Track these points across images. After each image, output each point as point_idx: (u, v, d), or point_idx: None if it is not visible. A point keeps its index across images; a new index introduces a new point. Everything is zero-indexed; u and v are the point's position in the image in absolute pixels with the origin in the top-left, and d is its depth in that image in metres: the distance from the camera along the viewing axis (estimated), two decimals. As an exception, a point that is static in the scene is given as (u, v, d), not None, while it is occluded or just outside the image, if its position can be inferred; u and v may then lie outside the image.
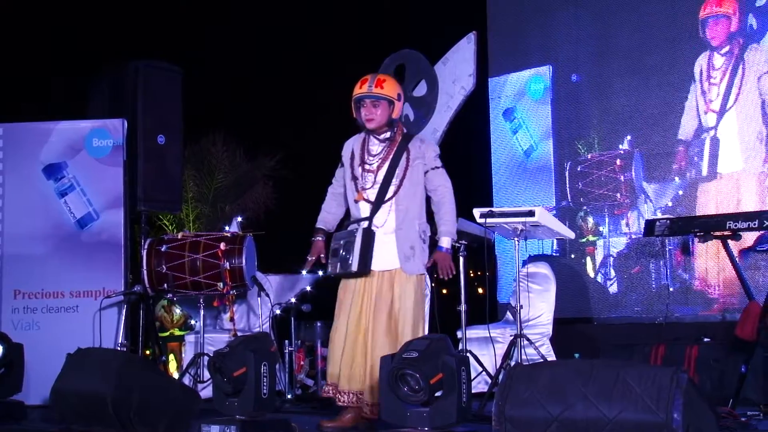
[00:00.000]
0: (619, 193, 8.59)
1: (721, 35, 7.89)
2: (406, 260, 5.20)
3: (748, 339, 5.67)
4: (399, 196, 5.23)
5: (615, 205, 8.55)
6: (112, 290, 7.10)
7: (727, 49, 7.88)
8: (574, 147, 9.01)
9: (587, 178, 8.83)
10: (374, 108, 5.26)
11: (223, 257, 6.73)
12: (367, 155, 5.35)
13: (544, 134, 9.28)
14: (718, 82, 7.87)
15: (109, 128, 7.44)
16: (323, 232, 5.56)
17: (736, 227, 5.84)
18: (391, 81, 5.35)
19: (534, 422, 3.57)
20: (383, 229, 5.23)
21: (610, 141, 8.70)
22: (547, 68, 9.27)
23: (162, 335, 9.28)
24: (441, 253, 5.25)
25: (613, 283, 8.50)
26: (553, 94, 9.23)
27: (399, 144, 5.29)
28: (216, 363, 5.33)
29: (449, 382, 4.52)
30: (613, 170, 8.64)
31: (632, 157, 8.53)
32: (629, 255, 8.52)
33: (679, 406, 3.32)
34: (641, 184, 8.46)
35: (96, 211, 7.38)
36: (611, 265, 8.55)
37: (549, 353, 6.81)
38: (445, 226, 5.28)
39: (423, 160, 5.28)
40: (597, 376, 3.54)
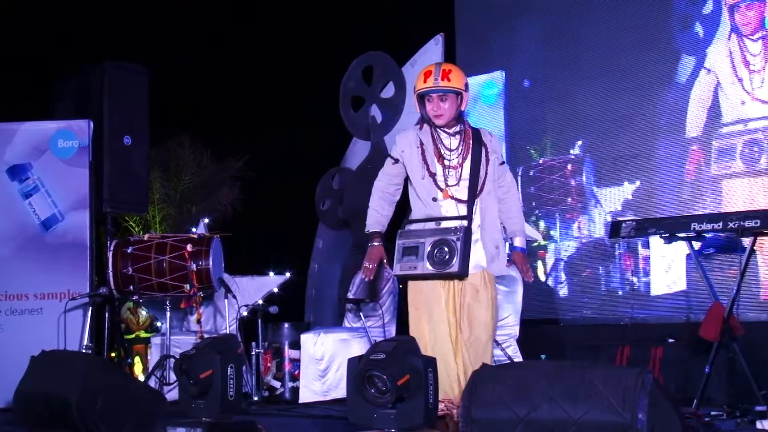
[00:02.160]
0: (570, 197, 8.65)
1: (754, 21, 7.62)
2: (492, 260, 4.92)
3: (712, 340, 5.72)
4: (484, 192, 4.92)
5: (566, 209, 8.61)
6: (77, 292, 7.04)
7: (761, 34, 7.60)
8: (526, 152, 9.09)
9: (539, 183, 8.89)
10: (442, 102, 4.87)
11: (189, 259, 6.71)
12: (445, 149, 4.94)
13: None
14: (759, 69, 7.57)
15: (75, 129, 7.38)
16: (380, 235, 5.09)
17: (701, 229, 5.89)
18: (458, 71, 4.95)
19: (500, 423, 3.58)
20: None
21: (562, 146, 8.78)
22: (500, 74, 9.33)
23: (127, 337, 9.21)
24: (519, 254, 5.01)
25: (564, 286, 8.57)
26: (506, 99, 9.31)
27: (473, 138, 4.95)
28: (182, 365, 5.31)
29: (416, 384, 4.52)
30: (564, 175, 8.69)
31: (583, 162, 8.61)
32: (579, 258, 8.60)
33: (644, 407, 3.34)
34: (591, 188, 8.55)
35: (61, 213, 7.32)
36: (562, 268, 8.60)
37: (516, 354, 6.82)
38: (517, 224, 5.02)
39: (497, 154, 5.01)
40: (563, 377, 3.56)
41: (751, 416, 5.26)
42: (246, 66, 13.34)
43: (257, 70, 13.41)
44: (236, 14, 13.58)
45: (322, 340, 7.15)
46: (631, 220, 6.52)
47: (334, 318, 9.24)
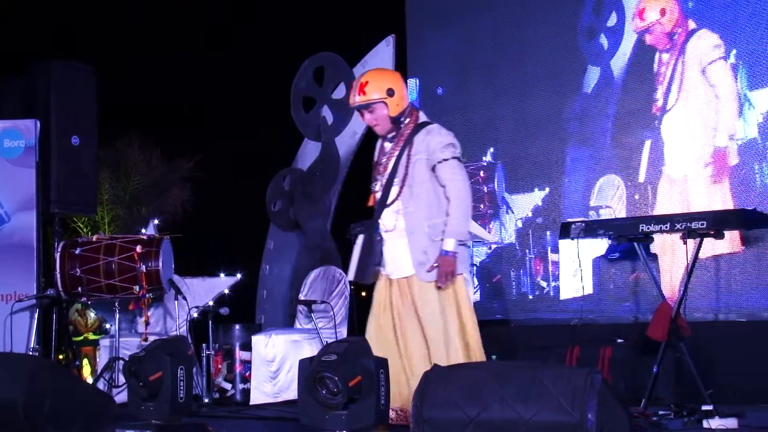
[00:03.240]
0: (482, 203, 8.74)
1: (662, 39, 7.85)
2: (420, 266, 4.80)
3: (660, 339, 5.79)
4: (404, 197, 4.84)
5: (479, 215, 8.66)
6: (23, 294, 6.96)
7: (669, 46, 7.75)
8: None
9: None
10: (370, 114, 4.90)
11: (139, 260, 6.66)
12: (380, 155, 5.03)
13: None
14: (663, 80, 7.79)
15: (21, 129, 7.30)
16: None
17: (649, 230, 5.96)
18: (376, 79, 4.92)
19: (451, 423, 3.59)
20: (395, 233, 4.87)
21: (474, 153, 8.83)
22: (414, 81, 9.39)
23: (76, 339, 9.11)
24: (442, 257, 4.77)
25: (476, 291, 8.65)
26: (419, 106, 9.34)
27: (405, 139, 4.89)
28: (131, 367, 5.27)
29: (368, 385, 4.52)
30: (477, 181, 8.76)
31: (495, 168, 8.71)
32: (491, 264, 8.72)
33: (593, 407, 3.38)
34: (503, 195, 8.67)
35: (7, 213, 7.24)
36: (474, 273, 8.68)
37: (466, 355, 6.84)
38: (449, 225, 4.78)
39: (426, 154, 4.83)
40: (513, 378, 3.58)
41: (698, 415, 5.32)
42: (196, 66, 13.29)
43: (207, 71, 13.36)
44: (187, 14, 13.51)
45: (274, 342, 7.13)
46: (581, 221, 6.57)
47: (285, 319, 9.22)
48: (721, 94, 7.27)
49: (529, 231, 8.40)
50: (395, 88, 4.89)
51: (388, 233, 4.88)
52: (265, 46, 12.53)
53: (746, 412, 5.32)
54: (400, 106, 4.90)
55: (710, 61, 7.38)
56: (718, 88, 7.30)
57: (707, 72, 7.40)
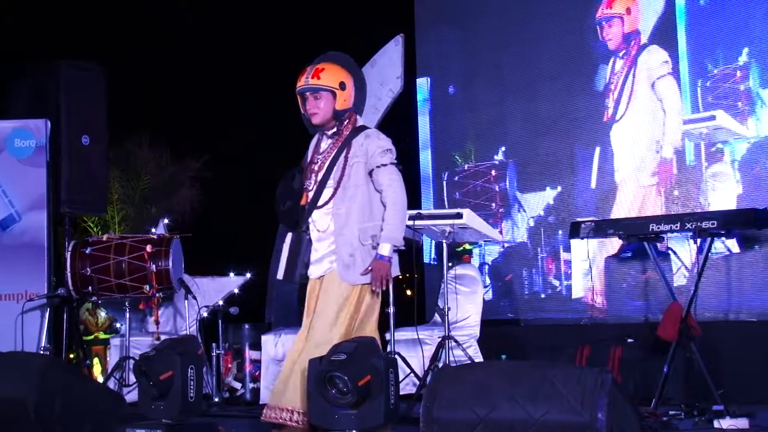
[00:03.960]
0: (494, 202, 8.73)
1: (617, 37, 7.99)
2: (346, 269, 4.70)
3: (670, 339, 5.78)
4: (336, 198, 4.76)
5: (490, 214, 8.67)
6: (34, 293, 6.98)
7: (624, 52, 7.97)
8: (451, 158, 9.16)
9: (464, 188, 8.98)
10: (315, 100, 4.81)
11: (149, 259, 6.66)
12: (315, 154, 4.93)
13: (422, 144, 9.44)
14: (614, 88, 7.98)
15: (32, 128, 7.32)
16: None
17: (659, 230, 5.95)
18: (333, 68, 4.93)
19: (460, 423, 3.59)
20: (325, 234, 4.79)
21: (485, 152, 8.85)
22: (425, 80, 9.39)
23: (86, 339, 9.13)
24: (376, 261, 4.68)
25: (488, 290, 8.63)
26: (431, 105, 9.39)
27: (344, 140, 4.83)
28: (142, 366, 5.28)
29: (377, 384, 4.53)
30: (489, 180, 8.77)
31: (506, 167, 8.69)
32: (502, 262, 8.69)
33: (603, 407, 3.37)
34: (515, 193, 8.64)
35: (18, 213, 7.26)
36: (486, 272, 8.67)
37: (476, 355, 6.85)
38: (386, 230, 4.71)
39: (364, 158, 4.76)
40: (523, 378, 3.58)
41: (709, 415, 5.32)
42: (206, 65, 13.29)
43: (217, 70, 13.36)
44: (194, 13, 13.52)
45: (283, 341, 7.13)
46: (590, 221, 6.57)
47: (294, 319, 9.21)
48: (667, 108, 7.54)
49: (541, 230, 8.38)
50: (347, 84, 4.88)
51: (320, 233, 4.81)
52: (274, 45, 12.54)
53: (757, 412, 5.32)
54: (346, 103, 4.86)
55: (659, 76, 7.61)
56: (665, 102, 7.55)
57: (656, 86, 7.65)
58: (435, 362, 6.14)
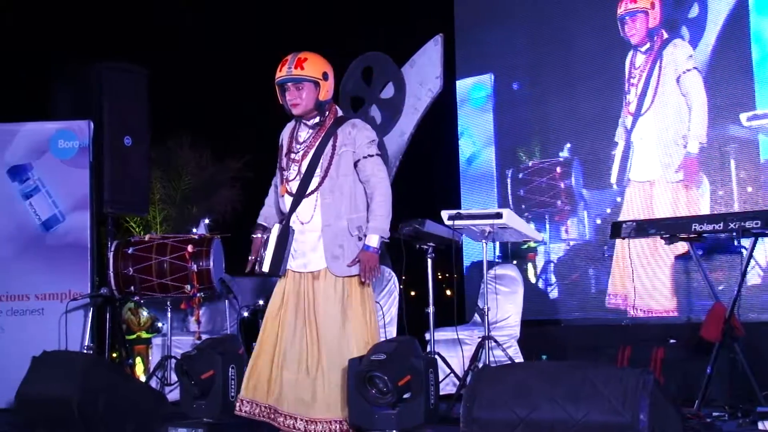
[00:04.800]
0: (559, 200, 8.60)
1: (640, 32, 7.91)
2: (334, 260, 4.67)
3: (713, 340, 5.72)
4: (324, 188, 4.71)
5: (555, 211, 8.57)
6: (78, 293, 7.05)
7: (648, 46, 7.89)
8: (515, 154, 9.04)
9: (528, 186, 8.85)
10: (297, 91, 4.74)
11: (190, 259, 6.70)
12: (295, 143, 4.86)
13: (486, 142, 9.31)
14: (636, 83, 7.90)
15: (75, 130, 7.40)
16: (263, 228, 5.01)
17: (701, 229, 5.89)
18: (315, 59, 4.82)
19: (501, 424, 3.58)
20: (310, 225, 4.72)
21: (551, 149, 8.72)
22: (489, 76, 9.28)
23: (129, 338, 9.22)
24: (365, 253, 4.66)
25: (554, 288, 8.55)
26: (495, 101, 9.27)
27: (328, 129, 4.78)
28: (183, 366, 5.33)
29: (417, 384, 4.53)
30: (554, 177, 8.64)
31: (572, 164, 8.56)
32: (568, 261, 8.55)
33: (645, 408, 3.35)
34: (580, 191, 8.50)
35: (62, 213, 7.34)
36: (551, 271, 8.59)
37: (516, 355, 6.83)
38: (374, 221, 4.70)
39: (352, 148, 4.75)
40: (564, 378, 3.56)
41: (753, 417, 5.25)
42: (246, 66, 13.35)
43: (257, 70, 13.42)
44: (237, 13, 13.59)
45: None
46: (632, 221, 6.51)
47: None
48: (692, 103, 7.45)
49: (607, 228, 8.21)
50: (329, 74, 4.82)
51: (303, 225, 4.74)
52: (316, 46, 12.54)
53: (802, 413, 5.25)
54: (328, 93, 4.81)
55: (684, 71, 7.54)
56: (690, 97, 7.48)
57: (681, 81, 7.57)
58: (475, 362, 6.13)
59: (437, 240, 6.43)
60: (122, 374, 6.01)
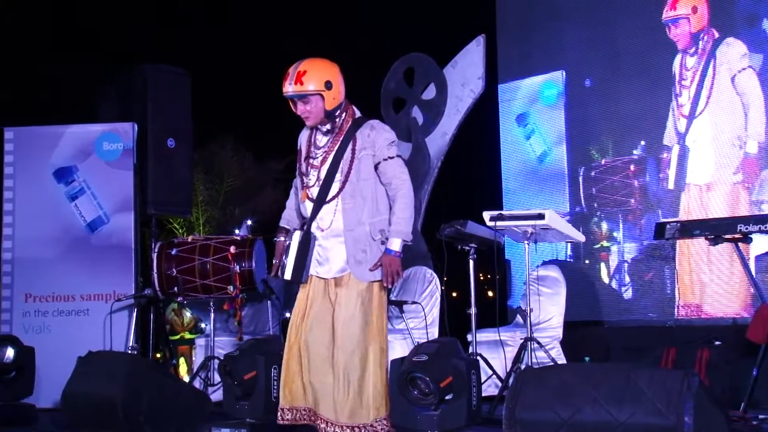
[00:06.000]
0: (633, 198, 8.44)
1: (684, 37, 7.81)
2: (358, 265, 4.59)
3: (760, 342, 5.65)
4: (344, 193, 4.61)
5: (629, 210, 8.44)
6: (122, 293, 7.11)
7: (696, 48, 7.79)
8: (587, 152, 8.88)
9: (601, 184, 8.70)
10: (305, 105, 4.64)
11: (233, 260, 6.73)
12: (313, 148, 4.76)
13: (557, 140, 9.15)
14: (689, 85, 7.77)
15: (120, 132, 7.46)
16: (285, 231, 4.88)
17: (747, 230, 5.81)
18: (315, 69, 4.66)
19: (544, 425, 3.56)
20: (331, 231, 4.64)
21: (624, 146, 8.55)
22: (560, 73, 9.13)
23: (172, 338, 9.30)
24: (387, 256, 4.57)
25: (628, 288, 8.40)
26: (566, 99, 9.11)
27: (346, 133, 4.68)
28: (226, 366, 5.35)
29: (459, 386, 4.52)
30: (627, 175, 8.49)
31: (646, 162, 8.38)
32: (643, 260, 8.36)
33: (689, 410, 3.31)
34: (655, 189, 8.32)
35: (106, 215, 7.40)
36: (625, 270, 8.44)
37: (559, 356, 6.79)
38: (395, 225, 4.60)
39: (372, 150, 4.65)
40: (607, 380, 3.54)
41: (799, 419, 5.19)
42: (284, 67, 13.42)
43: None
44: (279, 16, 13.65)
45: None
46: (676, 221, 6.45)
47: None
48: (749, 103, 7.35)
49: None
50: (333, 81, 4.65)
51: (324, 231, 4.65)
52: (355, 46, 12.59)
53: None
54: (336, 100, 4.66)
55: (740, 69, 7.42)
56: (746, 97, 7.36)
57: (736, 80, 7.44)
58: (517, 364, 6.10)
59: (479, 241, 6.41)
60: (166, 374, 6.04)
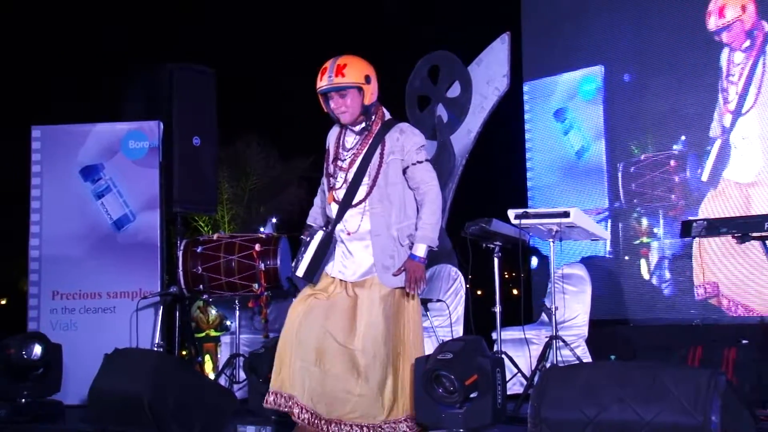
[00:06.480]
0: (673, 194, 8.33)
1: (738, 36, 7.71)
2: (385, 270, 4.54)
3: (787, 341, 5.62)
4: (372, 198, 4.56)
5: (669, 206, 8.32)
6: (148, 291, 7.15)
7: (748, 44, 7.68)
8: (627, 147, 8.77)
9: (641, 179, 8.59)
10: (342, 99, 4.58)
11: (258, 258, 6.74)
12: (341, 150, 4.70)
13: (596, 135, 9.05)
14: (736, 81, 7.66)
15: (145, 130, 7.50)
16: (311, 228, 4.86)
17: (775, 228, 5.77)
18: (355, 63, 4.61)
19: (569, 424, 3.55)
20: (357, 235, 4.59)
21: (664, 141, 8.44)
22: (599, 68, 9.03)
23: (198, 336, 9.33)
24: (411, 262, 4.54)
25: (668, 285, 8.29)
26: (606, 94, 9.00)
27: (375, 136, 4.62)
28: (251, 364, 5.37)
29: (484, 384, 4.51)
30: (667, 171, 8.37)
31: (687, 157, 8.26)
32: (683, 257, 8.25)
33: (716, 409, 3.30)
34: (696, 185, 8.22)
35: (132, 213, 7.44)
36: (666, 267, 8.34)
37: (584, 355, 6.77)
38: (421, 230, 4.55)
39: (401, 155, 4.59)
40: (633, 378, 3.52)
41: (828, 419, 5.15)
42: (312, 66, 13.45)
43: (324, 71, 13.50)
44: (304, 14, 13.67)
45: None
46: (703, 219, 6.41)
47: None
48: None
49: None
50: (372, 77, 4.63)
51: (351, 235, 4.60)
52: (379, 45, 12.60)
53: None
54: (373, 96, 4.63)
55: None
56: None
57: None
58: (542, 362, 6.08)
59: (504, 239, 6.40)
60: (192, 372, 6.07)
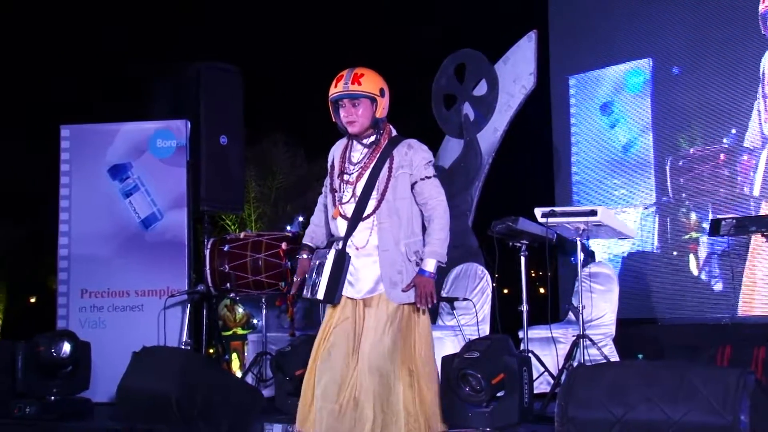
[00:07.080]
0: (722, 188, 8.10)
1: None
2: (393, 287, 4.43)
3: (818, 340, 5.57)
4: (381, 212, 4.47)
5: (719, 200, 8.07)
6: (176, 289, 7.18)
7: None
8: (675, 141, 8.56)
9: (689, 174, 8.38)
10: (354, 108, 4.51)
11: (284, 257, 6.76)
12: (348, 164, 4.60)
13: (643, 129, 8.85)
14: None
15: (173, 129, 7.53)
16: (309, 248, 4.71)
17: (805, 227, 5.73)
18: (372, 74, 4.55)
19: (597, 423, 3.54)
20: (365, 250, 4.48)
21: (714, 135, 8.23)
22: (647, 61, 8.83)
23: (225, 334, 9.35)
24: (421, 278, 4.43)
25: (718, 281, 8.08)
26: (653, 87, 8.80)
27: (383, 150, 4.54)
28: (278, 362, 5.39)
29: (511, 383, 4.51)
30: (717, 165, 8.14)
31: (736, 151, 8.04)
32: (732, 253, 7.97)
33: (746, 408, 3.27)
34: (746, 179, 7.97)
35: (160, 211, 7.48)
36: (715, 263, 8.20)
37: (612, 354, 6.73)
38: (431, 246, 4.47)
39: (409, 170, 4.52)
40: (661, 378, 3.51)
41: None
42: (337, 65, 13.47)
43: (350, 69, 13.51)
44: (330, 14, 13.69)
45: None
46: (732, 218, 6.36)
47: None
48: None
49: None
50: (386, 91, 4.58)
51: (359, 250, 4.50)
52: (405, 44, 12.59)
53: None
54: (384, 111, 4.57)
55: None
56: None
57: None
58: (569, 361, 6.05)
59: (530, 237, 6.38)
60: (219, 370, 6.09)
